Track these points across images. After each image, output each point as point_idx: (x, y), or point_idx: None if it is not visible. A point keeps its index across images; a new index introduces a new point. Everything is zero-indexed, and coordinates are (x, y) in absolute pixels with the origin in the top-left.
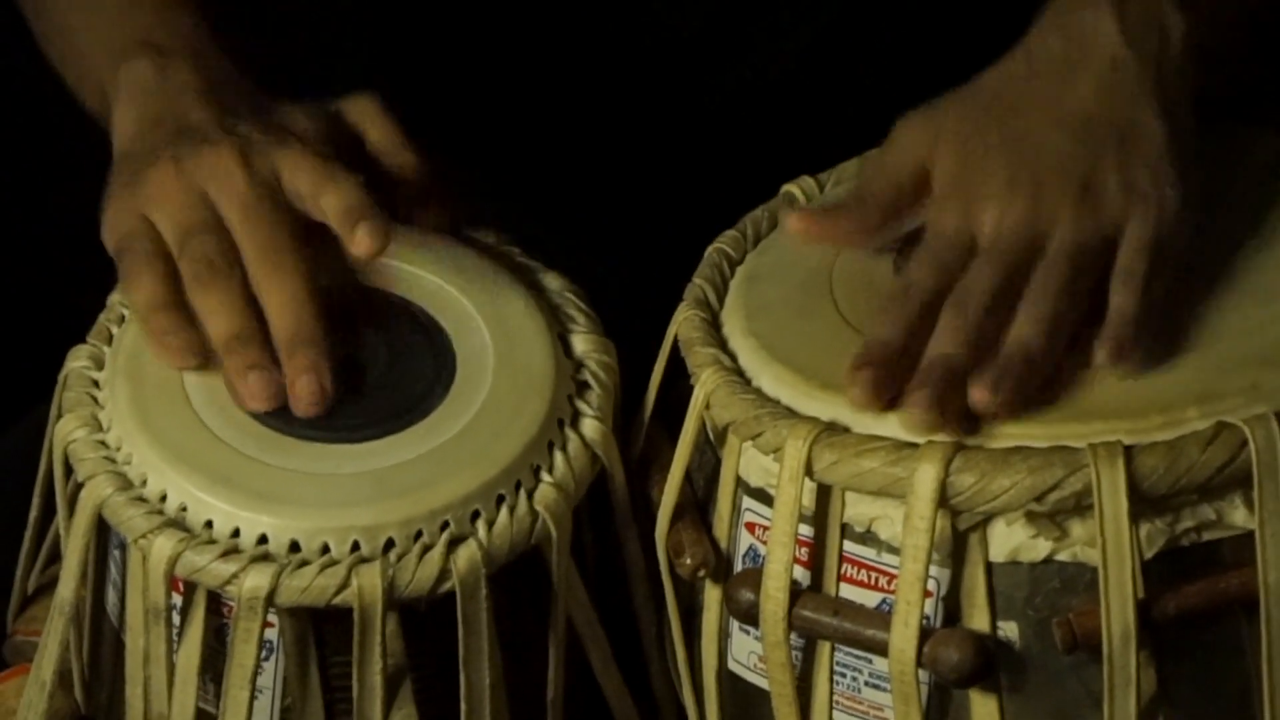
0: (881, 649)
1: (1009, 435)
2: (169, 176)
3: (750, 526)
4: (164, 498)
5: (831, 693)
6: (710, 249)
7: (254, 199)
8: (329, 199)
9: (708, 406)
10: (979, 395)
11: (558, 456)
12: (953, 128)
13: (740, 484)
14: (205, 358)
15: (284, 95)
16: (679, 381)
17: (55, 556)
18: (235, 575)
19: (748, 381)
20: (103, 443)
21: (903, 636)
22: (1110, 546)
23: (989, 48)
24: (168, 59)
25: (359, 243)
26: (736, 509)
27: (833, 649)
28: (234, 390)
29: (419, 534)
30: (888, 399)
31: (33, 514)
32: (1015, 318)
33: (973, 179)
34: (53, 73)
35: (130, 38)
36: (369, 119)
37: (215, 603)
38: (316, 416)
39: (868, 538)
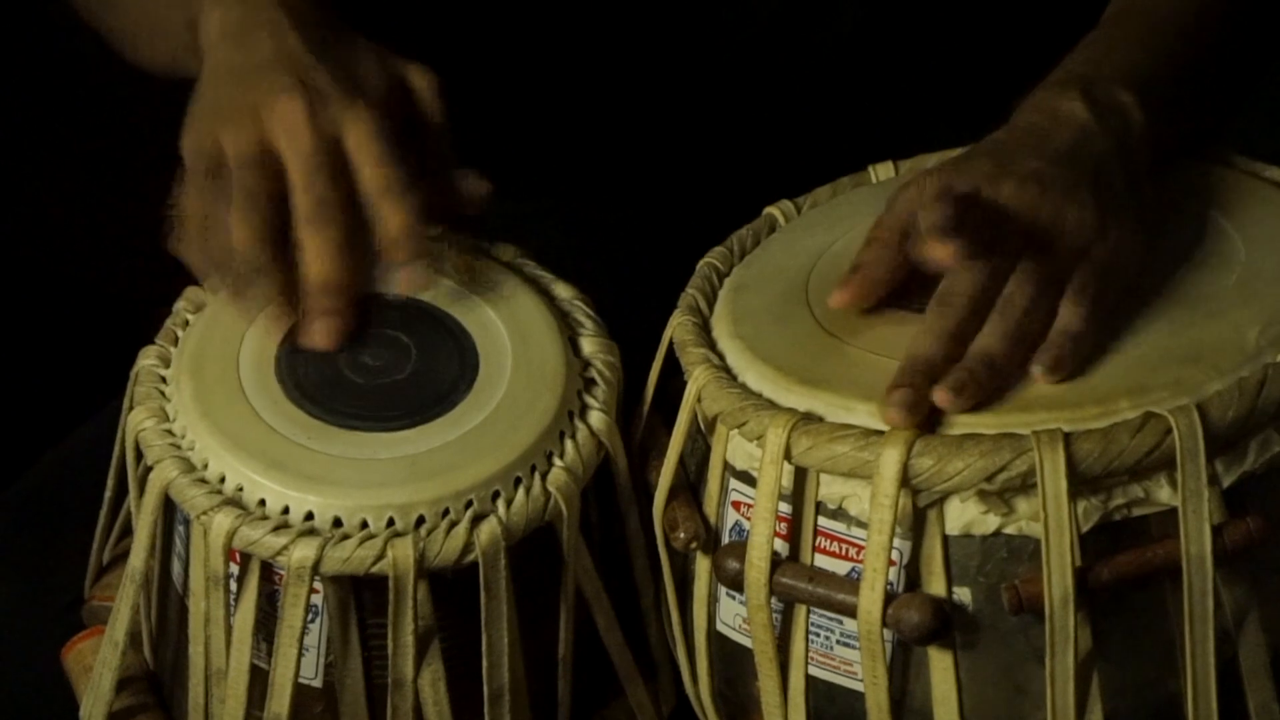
0: (851, 611)
1: (963, 424)
2: (245, 124)
3: (736, 504)
4: (223, 480)
5: (807, 650)
6: (701, 263)
7: (314, 163)
8: (386, 213)
9: (699, 400)
10: (943, 398)
11: (568, 444)
12: (941, 169)
13: (727, 467)
14: (281, 291)
15: None
16: (674, 378)
17: (127, 531)
18: (285, 547)
19: (734, 378)
20: (169, 431)
21: (870, 600)
22: (1051, 521)
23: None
24: None
25: (401, 283)
26: (724, 489)
27: (808, 612)
28: (307, 324)
29: (446, 511)
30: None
31: (107, 494)
32: (985, 326)
33: (962, 179)
34: (129, 85)
35: None
36: (426, 97)
37: (268, 571)
38: (358, 408)
39: (839, 514)
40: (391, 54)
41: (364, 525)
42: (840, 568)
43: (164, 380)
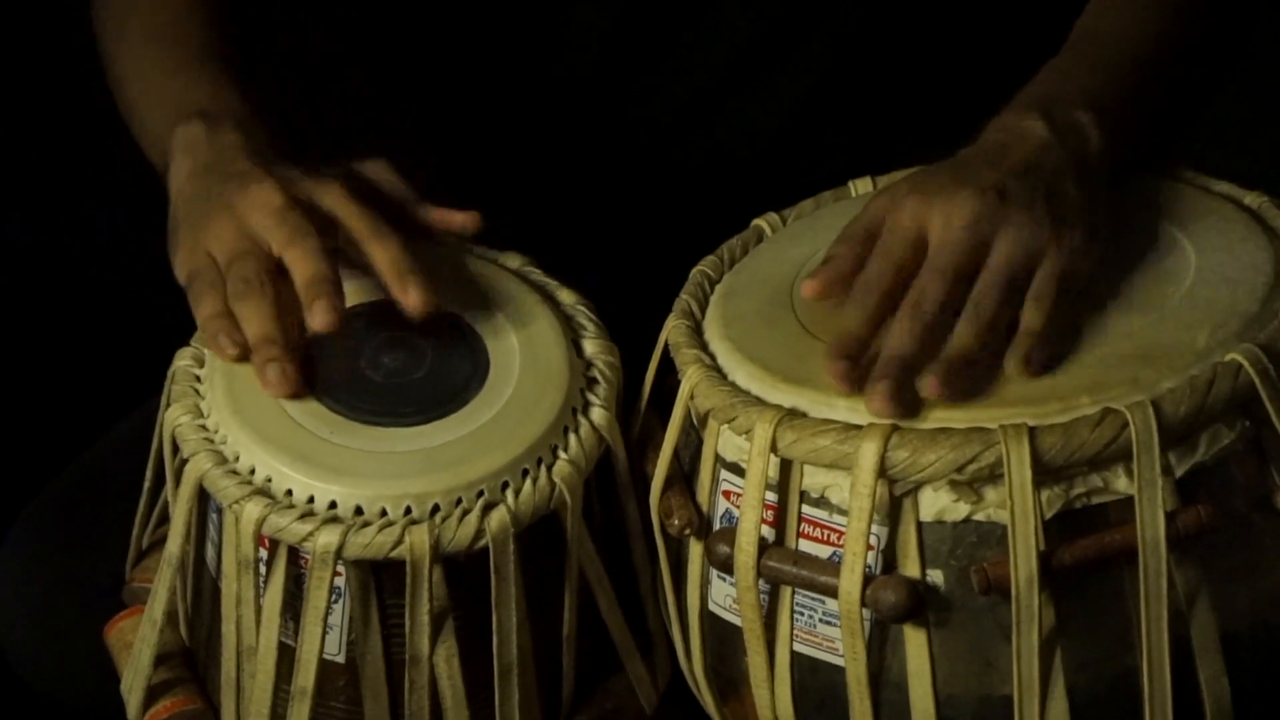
0: (832, 592)
1: (936, 419)
2: (223, 219)
3: (726, 494)
4: (253, 471)
5: (792, 628)
6: (694, 270)
7: (286, 210)
8: (376, 251)
9: (692, 397)
10: (932, 388)
11: (571, 438)
12: (910, 178)
13: (718, 459)
14: (245, 352)
15: (305, 143)
16: (669, 377)
17: (164, 519)
18: (310, 534)
19: (724, 377)
20: (203, 427)
21: (850, 582)
22: (1017, 508)
23: (966, 100)
24: (217, 123)
25: (411, 302)
26: (715, 479)
27: (793, 593)
28: (259, 377)
29: (459, 500)
30: (856, 381)
31: (146, 484)
32: (959, 323)
33: (927, 187)
34: None
35: (186, 109)
36: (384, 178)
37: (294, 556)
38: (377, 405)
39: (821, 502)
40: (336, 164)
41: (383, 513)
42: (822, 552)
43: (198, 380)
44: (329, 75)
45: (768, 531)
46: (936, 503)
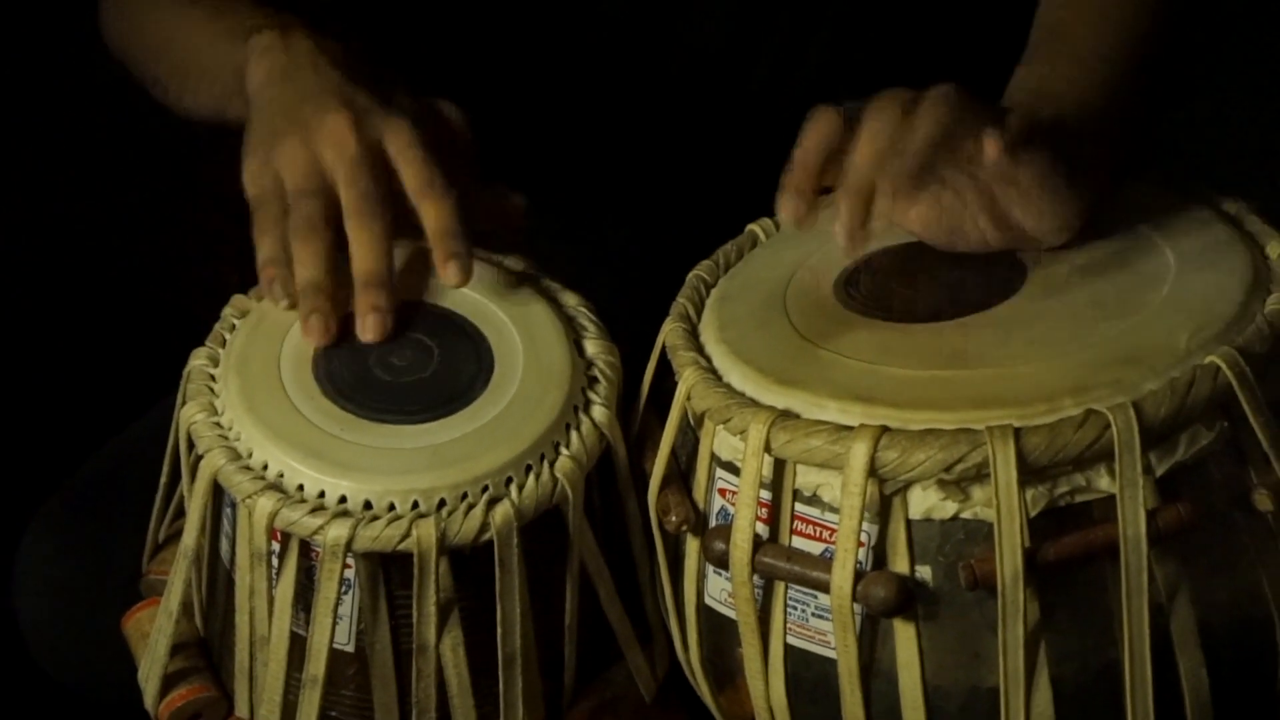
0: (825, 587)
1: (923, 420)
2: (297, 143)
3: (722, 491)
4: (265, 467)
5: (786, 621)
6: (691, 274)
7: (359, 164)
8: (428, 210)
9: (689, 398)
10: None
11: (573, 435)
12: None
13: (714, 458)
14: (295, 303)
15: None
16: (666, 378)
17: (180, 513)
18: (321, 527)
19: (720, 378)
20: (218, 424)
21: (841, 577)
22: (1003, 507)
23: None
24: (290, 31)
25: (449, 274)
26: (711, 478)
27: (786, 588)
28: (301, 322)
29: (465, 495)
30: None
31: (163, 479)
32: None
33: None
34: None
35: (252, 25)
36: (455, 122)
37: (305, 549)
38: (386, 403)
39: (813, 500)
40: (420, 92)
41: (391, 508)
42: (815, 548)
43: (213, 379)
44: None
45: (762, 528)
46: (925, 501)
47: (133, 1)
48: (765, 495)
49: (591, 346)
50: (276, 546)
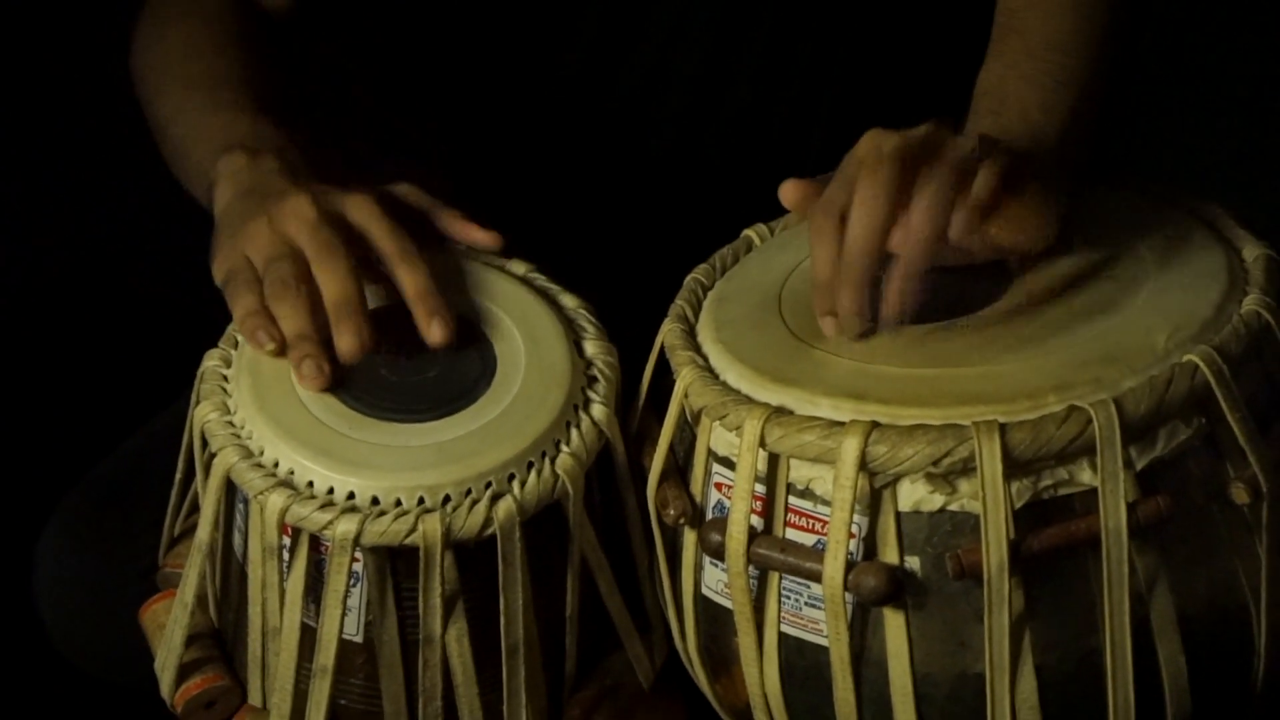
0: (817, 577)
1: (911, 415)
2: (260, 225)
3: (718, 486)
4: (276, 464)
5: (779, 610)
6: (688, 278)
7: (319, 224)
8: (404, 275)
9: (686, 395)
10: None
11: (574, 433)
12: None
13: (711, 453)
14: (282, 348)
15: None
16: (665, 377)
17: (194, 508)
18: (330, 522)
19: (716, 377)
20: (230, 423)
21: (833, 568)
22: (989, 499)
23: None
24: (257, 153)
25: (433, 332)
26: (708, 472)
27: (780, 578)
28: (295, 372)
29: (469, 491)
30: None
31: (178, 476)
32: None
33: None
34: None
35: (228, 141)
36: (411, 196)
37: (315, 543)
38: (392, 402)
39: (806, 493)
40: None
41: (398, 503)
42: (808, 540)
43: (226, 379)
44: (330, 85)
45: (756, 521)
46: (914, 494)
47: (149, 73)
48: (760, 489)
49: (591, 347)
50: (287, 541)
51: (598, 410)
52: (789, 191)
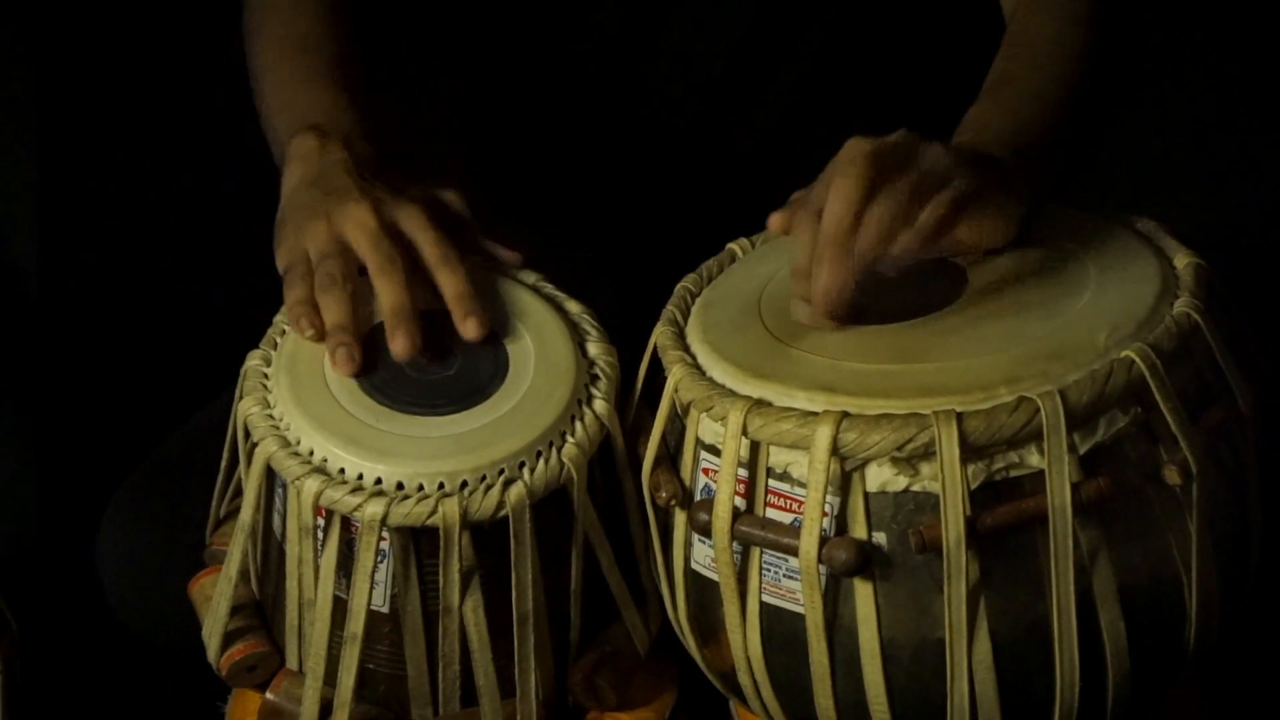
0: (794, 552)
1: (878, 405)
2: (321, 225)
3: (705, 471)
4: (311, 453)
5: (761, 582)
6: (678, 286)
7: (380, 236)
8: (445, 279)
9: (676, 390)
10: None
11: (578, 425)
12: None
13: (699, 442)
14: (321, 335)
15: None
16: (657, 374)
17: (238, 492)
18: (360, 505)
19: (703, 373)
20: (270, 416)
21: (808, 543)
22: (947, 480)
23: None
24: (327, 139)
25: (469, 329)
26: (696, 459)
27: (761, 553)
28: (330, 357)
29: (484, 478)
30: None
31: (223, 463)
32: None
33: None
34: (242, 120)
35: (303, 121)
36: (456, 205)
37: (346, 524)
38: (415, 398)
39: (784, 476)
40: (428, 182)
41: (420, 488)
42: (785, 518)
43: (266, 376)
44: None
45: (740, 502)
46: (880, 476)
47: (252, 18)
48: (743, 473)
49: (593, 348)
50: (321, 522)
51: (599, 405)
52: (775, 223)
